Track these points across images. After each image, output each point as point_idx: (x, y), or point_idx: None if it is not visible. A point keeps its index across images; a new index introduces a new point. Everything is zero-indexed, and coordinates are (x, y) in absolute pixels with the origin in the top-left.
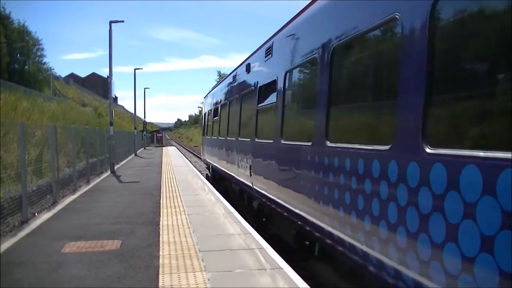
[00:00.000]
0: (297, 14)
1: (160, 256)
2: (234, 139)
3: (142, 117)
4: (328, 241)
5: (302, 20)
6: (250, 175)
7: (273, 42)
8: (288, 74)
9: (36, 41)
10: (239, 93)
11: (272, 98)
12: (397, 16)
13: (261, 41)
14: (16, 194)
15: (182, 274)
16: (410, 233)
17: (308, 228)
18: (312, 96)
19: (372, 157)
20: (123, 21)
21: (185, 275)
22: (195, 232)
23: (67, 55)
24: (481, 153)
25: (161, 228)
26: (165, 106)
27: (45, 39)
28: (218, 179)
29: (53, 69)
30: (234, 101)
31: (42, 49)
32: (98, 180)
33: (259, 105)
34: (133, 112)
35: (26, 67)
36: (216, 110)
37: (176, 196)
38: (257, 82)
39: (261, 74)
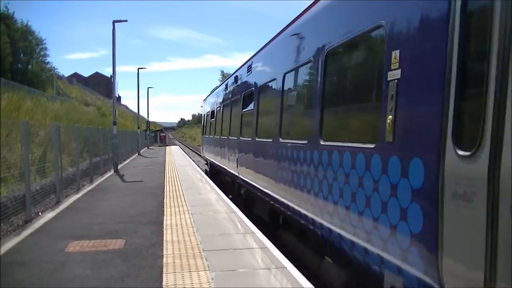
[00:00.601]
0: (265, 45)
1: (164, 256)
2: (225, 137)
3: (146, 116)
4: (288, 213)
5: (268, 49)
6: (237, 166)
7: (252, 62)
8: (260, 88)
9: (39, 40)
10: (230, 99)
11: (251, 106)
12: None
13: (263, 41)
14: (19, 194)
15: (186, 273)
16: (327, 197)
17: (276, 205)
18: (271, 106)
19: (305, 149)
20: (126, 21)
21: (188, 275)
22: (199, 232)
23: (70, 54)
24: (348, 144)
25: (164, 227)
26: (168, 106)
27: (48, 38)
28: (215, 173)
29: (56, 68)
30: (226, 105)
31: (46, 49)
32: (101, 179)
33: (243, 110)
34: (136, 111)
35: (30, 66)
36: (212, 112)
37: (180, 195)
38: (242, 91)
39: (244, 85)
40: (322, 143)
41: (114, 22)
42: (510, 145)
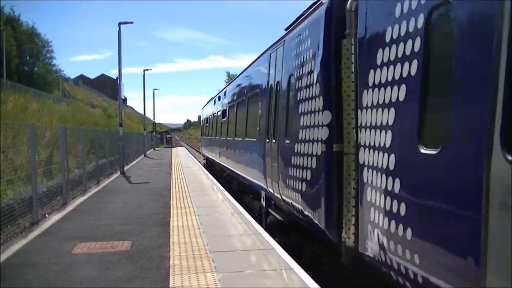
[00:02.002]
0: (233, 79)
1: (171, 257)
2: (214, 137)
3: (152, 118)
4: (235, 175)
5: (231, 84)
6: (219, 156)
7: (226, 89)
8: (228, 107)
9: (45, 43)
10: (217, 111)
11: (225, 117)
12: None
13: (268, 41)
14: (26, 196)
15: (193, 275)
16: (250, 167)
17: (234, 174)
18: (232, 118)
19: (252, 144)
20: (132, 22)
21: (195, 276)
22: (205, 233)
23: (76, 56)
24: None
25: (171, 228)
26: (174, 107)
27: (54, 41)
28: (209, 164)
29: (63, 70)
30: (215, 114)
31: (52, 51)
32: (108, 181)
33: (222, 119)
34: (142, 113)
35: (36, 68)
36: (206, 119)
37: (186, 196)
38: (223, 107)
39: (222, 103)
40: (246, 139)
41: (120, 24)
42: None
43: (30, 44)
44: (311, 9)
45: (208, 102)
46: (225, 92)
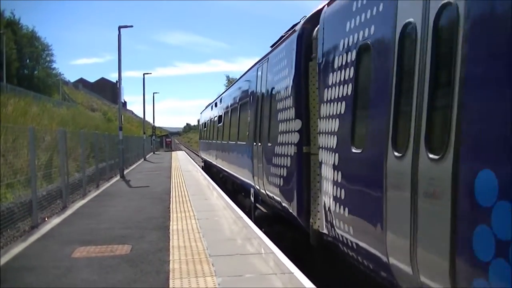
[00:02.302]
0: (225, 90)
1: (170, 261)
2: (211, 141)
3: (151, 121)
4: (229, 176)
5: (224, 94)
6: (215, 158)
7: (221, 98)
8: (223, 113)
9: (45, 46)
10: (214, 116)
11: (220, 123)
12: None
13: (268, 44)
14: (26, 199)
15: (193, 279)
16: (241, 167)
17: (228, 174)
18: (227, 124)
19: (243, 147)
20: (132, 26)
21: (195, 280)
22: (205, 237)
23: (76, 60)
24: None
25: (171, 232)
26: (174, 111)
27: (54, 44)
28: (207, 166)
29: (62, 74)
30: (212, 119)
31: (52, 54)
32: (107, 184)
33: (218, 124)
34: (142, 116)
35: (36, 72)
36: (204, 123)
37: (186, 200)
38: (219, 112)
39: (218, 110)
40: (238, 142)
41: (120, 27)
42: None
43: (30, 48)
44: (288, 34)
45: (206, 107)
46: (221, 99)
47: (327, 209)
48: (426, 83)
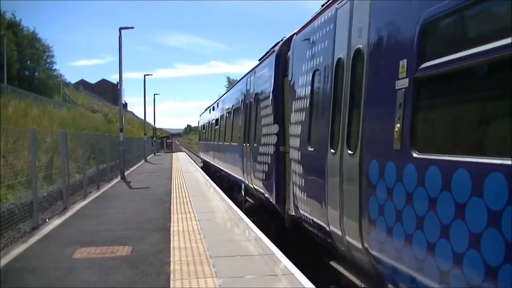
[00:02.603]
0: (221, 95)
1: (171, 262)
2: (209, 142)
3: (152, 123)
4: (225, 174)
5: (220, 99)
6: (213, 158)
7: (218, 103)
8: (219, 117)
9: (46, 48)
10: (211, 119)
11: (217, 125)
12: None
13: (269, 46)
14: (27, 200)
15: (193, 280)
16: (234, 166)
17: (224, 173)
18: (223, 126)
19: (235, 147)
20: (132, 28)
21: (196, 281)
22: (206, 238)
23: (77, 61)
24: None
25: (171, 234)
26: (174, 112)
27: (55, 46)
28: (206, 166)
29: (63, 75)
30: (210, 122)
31: (52, 56)
32: (108, 186)
33: (215, 127)
34: (143, 118)
35: (36, 73)
36: (203, 125)
37: (187, 202)
38: (215, 116)
39: (215, 114)
40: (232, 143)
41: (120, 29)
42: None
43: (31, 49)
44: (270, 52)
45: (204, 110)
46: (217, 103)
47: (294, 195)
48: (347, 102)
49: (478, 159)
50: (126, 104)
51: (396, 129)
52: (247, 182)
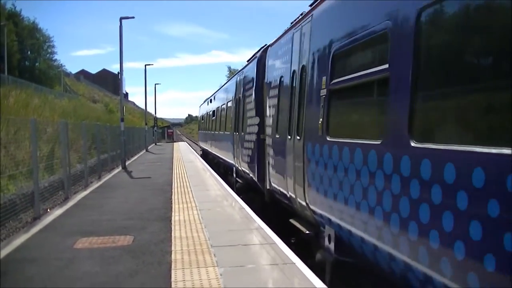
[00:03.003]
0: (217, 90)
1: (172, 252)
2: (207, 132)
3: (153, 113)
4: (221, 160)
5: (216, 93)
6: (210, 146)
7: (214, 96)
8: (216, 109)
9: (46, 38)
10: (209, 110)
11: (214, 116)
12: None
13: (270, 36)
14: (28, 191)
15: (195, 269)
16: (227, 152)
17: (220, 159)
18: (219, 117)
19: (228, 136)
20: (133, 17)
21: (197, 270)
22: (207, 228)
23: (77, 51)
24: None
25: (173, 223)
26: (175, 102)
27: (55, 36)
28: (205, 154)
29: (64, 65)
30: (207, 113)
31: (53, 46)
32: (109, 176)
33: (212, 118)
34: (143, 108)
35: (37, 64)
36: (202, 116)
37: (188, 191)
38: (212, 108)
39: (212, 106)
40: (226, 132)
41: (121, 18)
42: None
43: (32, 40)
44: (253, 56)
45: (203, 102)
46: (214, 97)
47: (269, 173)
48: (297, 103)
49: (352, 140)
50: (127, 94)
51: (320, 122)
52: (237, 165)
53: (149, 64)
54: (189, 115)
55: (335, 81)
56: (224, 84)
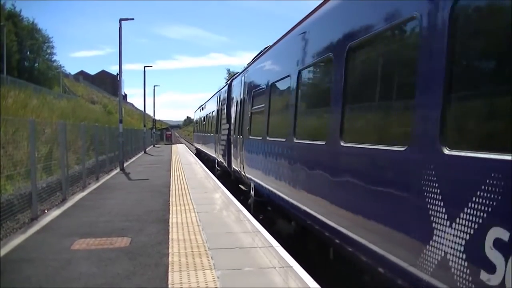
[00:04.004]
0: (208, 99)
1: (170, 254)
2: (200, 134)
3: (152, 114)
4: (209, 155)
5: (207, 102)
6: (201, 145)
7: (204, 106)
8: (205, 115)
9: (46, 38)
10: (201, 116)
11: (204, 121)
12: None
13: (269, 39)
14: (25, 191)
15: (192, 272)
16: (211, 149)
17: (208, 155)
18: (206, 122)
19: (212, 136)
20: (133, 19)
21: (194, 273)
22: (204, 230)
23: (76, 52)
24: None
25: (170, 226)
26: (174, 104)
27: (55, 36)
28: (199, 153)
29: (63, 66)
30: (200, 118)
31: (52, 47)
32: (107, 177)
33: (203, 122)
34: (142, 109)
35: (36, 64)
36: (196, 120)
37: (185, 193)
38: (208, 113)
39: (203, 113)
40: (210, 134)
41: (120, 20)
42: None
43: (31, 40)
44: (226, 83)
45: (197, 108)
46: (204, 106)
47: (232, 159)
48: (239, 117)
49: (258, 137)
50: (125, 95)
51: (248, 128)
52: (217, 158)
53: (148, 66)
54: (187, 117)
55: (253, 107)
56: (212, 97)
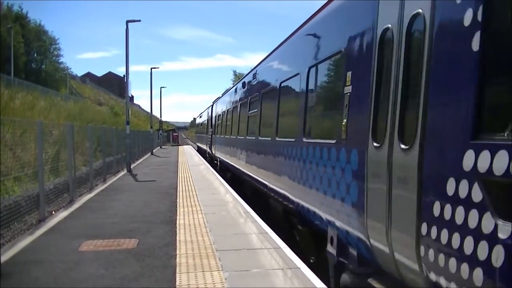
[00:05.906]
0: (203, 111)
1: (177, 255)
2: (200, 134)
3: (158, 116)
4: (204, 149)
5: (203, 112)
6: (201, 143)
7: (202, 114)
8: (203, 121)
9: (53, 40)
10: (200, 122)
11: (202, 125)
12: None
13: (276, 41)
14: (33, 193)
15: (199, 273)
16: (206, 145)
17: (203, 149)
18: (203, 126)
19: (208, 135)
20: (139, 21)
21: (202, 274)
22: (212, 231)
23: (83, 54)
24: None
25: (177, 227)
26: (181, 105)
27: (61, 38)
28: (199, 149)
29: (70, 68)
30: (200, 122)
31: (59, 49)
32: (114, 179)
33: (201, 126)
34: (149, 111)
35: (43, 66)
36: (197, 124)
37: (193, 195)
38: (201, 120)
39: (201, 119)
40: (207, 134)
41: (127, 22)
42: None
43: (38, 42)
44: (213, 102)
45: (199, 114)
46: (201, 115)
47: (217, 151)
48: (216, 123)
49: (224, 136)
50: (132, 97)
51: (216, 130)
52: (209, 151)
53: (155, 67)
54: (194, 118)
55: (217, 121)
56: (207, 108)
